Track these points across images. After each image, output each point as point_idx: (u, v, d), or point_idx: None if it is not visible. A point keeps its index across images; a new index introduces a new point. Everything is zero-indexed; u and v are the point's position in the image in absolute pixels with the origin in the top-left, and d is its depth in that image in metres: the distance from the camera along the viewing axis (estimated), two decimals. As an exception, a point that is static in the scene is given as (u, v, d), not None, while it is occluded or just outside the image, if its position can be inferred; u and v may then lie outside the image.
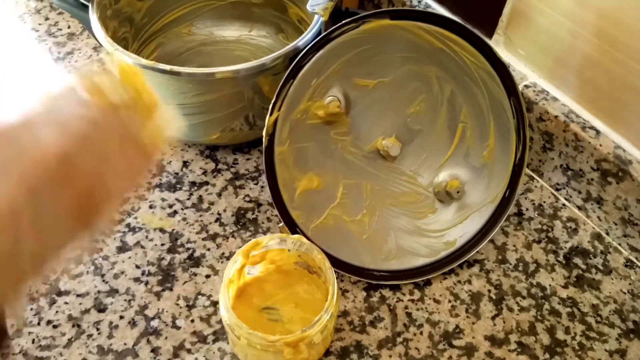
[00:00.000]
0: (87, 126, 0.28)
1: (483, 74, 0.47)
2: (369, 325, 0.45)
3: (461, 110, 0.49)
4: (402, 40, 0.47)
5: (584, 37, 0.47)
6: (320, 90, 0.47)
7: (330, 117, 0.48)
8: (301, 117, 0.47)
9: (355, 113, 0.49)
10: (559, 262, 0.50)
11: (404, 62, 0.48)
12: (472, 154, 0.50)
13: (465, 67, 0.47)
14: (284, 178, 0.47)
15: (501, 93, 0.47)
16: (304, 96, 0.47)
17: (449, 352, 0.44)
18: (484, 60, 0.47)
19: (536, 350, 0.44)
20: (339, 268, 0.47)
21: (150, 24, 0.62)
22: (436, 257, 0.48)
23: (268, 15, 0.65)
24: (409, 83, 0.49)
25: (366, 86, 0.49)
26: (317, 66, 0.46)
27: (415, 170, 0.51)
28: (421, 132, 0.50)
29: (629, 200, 0.48)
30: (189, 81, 0.48)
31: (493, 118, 0.48)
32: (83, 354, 0.43)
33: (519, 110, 0.47)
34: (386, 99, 0.49)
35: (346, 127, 0.49)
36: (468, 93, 0.49)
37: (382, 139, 0.50)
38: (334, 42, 0.46)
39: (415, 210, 0.51)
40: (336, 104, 0.47)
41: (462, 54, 0.47)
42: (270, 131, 0.46)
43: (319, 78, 0.47)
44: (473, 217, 0.49)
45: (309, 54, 0.46)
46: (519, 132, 0.48)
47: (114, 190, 0.30)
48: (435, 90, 0.49)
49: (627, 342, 0.45)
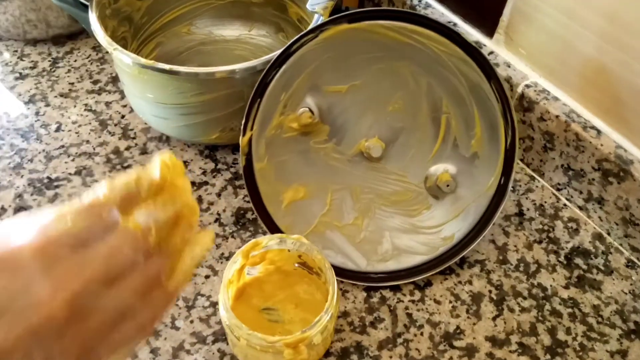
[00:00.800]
0: (106, 267, 0.24)
1: (457, 62, 0.46)
2: (369, 326, 0.45)
3: (442, 101, 0.48)
4: (365, 41, 0.46)
5: (585, 37, 0.47)
6: (291, 104, 0.47)
7: (305, 127, 0.48)
8: (276, 132, 0.48)
9: (333, 119, 0.49)
10: (560, 263, 0.50)
11: (372, 63, 0.48)
12: (460, 145, 0.49)
13: (437, 57, 0.46)
14: (267, 193, 0.48)
15: (480, 78, 0.46)
16: (275, 112, 0.47)
17: (450, 353, 0.44)
18: (454, 47, 0.45)
19: (537, 351, 0.44)
20: (335, 275, 0.46)
21: (150, 23, 0.62)
22: (435, 253, 0.48)
23: (268, 14, 0.64)
24: (382, 82, 0.48)
25: (339, 91, 0.48)
26: (283, 81, 0.46)
27: (404, 168, 0.51)
28: (404, 129, 0.50)
29: (630, 201, 0.48)
30: (188, 81, 0.48)
31: (476, 105, 0.47)
32: (82, 355, 0.43)
33: (501, 93, 0.45)
34: (362, 101, 0.49)
35: (325, 135, 0.49)
36: (445, 83, 0.47)
37: (365, 140, 0.50)
38: (296, 55, 0.46)
39: (408, 208, 0.50)
40: (308, 115, 0.47)
41: (430, 44, 0.46)
42: (246, 150, 0.47)
43: (287, 92, 0.47)
44: (469, 210, 0.48)
45: (272, 71, 0.46)
46: (506, 116, 0.46)
47: (122, 341, 0.26)
48: (411, 85, 0.48)
49: (629, 342, 0.45)
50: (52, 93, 0.62)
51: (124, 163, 0.56)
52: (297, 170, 0.49)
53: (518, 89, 0.53)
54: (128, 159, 0.56)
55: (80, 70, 0.65)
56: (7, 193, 0.53)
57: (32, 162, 0.56)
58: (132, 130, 0.59)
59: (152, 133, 0.59)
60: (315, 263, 0.43)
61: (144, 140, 0.58)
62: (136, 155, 0.57)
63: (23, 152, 0.56)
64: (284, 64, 0.46)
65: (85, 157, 0.56)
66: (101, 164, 0.56)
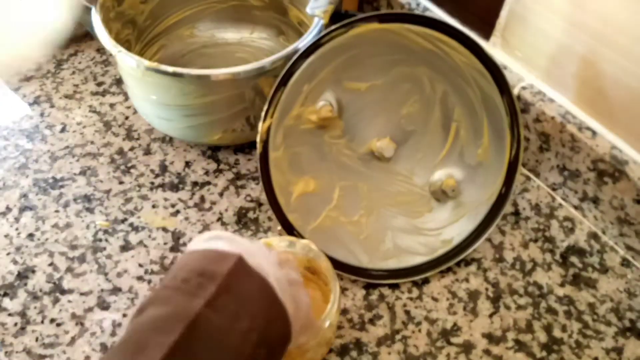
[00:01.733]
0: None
1: (475, 73, 0.47)
2: (368, 323, 0.46)
3: (454, 109, 0.50)
4: (391, 43, 0.47)
5: (580, 39, 0.48)
6: (312, 96, 0.48)
7: (323, 121, 0.49)
8: (294, 123, 0.48)
9: (349, 116, 0.50)
10: (555, 261, 0.51)
11: (394, 65, 0.49)
12: (466, 153, 0.50)
13: (456, 66, 0.48)
14: (279, 183, 0.48)
15: (494, 91, 0.47)
16: (296, 102, 0.48)
17: (447, 350, 0.45)
18: (475, 60, 0.47)
19: (533, 348, 0.45)
20: (337, 268, 0.47)
21: (153, 26, 0.62)
22: (433, 255, 0.49)
23: (269, 17, 0.65)
24: (400, 85, 0.49)
25: (358, 89, 0.49)
26: (308, 72, 0.47)
27: (411, 170, 0.52)
28: (415, 133, 0.51)
29: (625, 200, 0.49)
30: (191, 83, 0.48)
31: (486, 116, 0.49)
32: (86, 351, 0.44)
33: (512, 107, 0.47)
34: (379, 101, 0.50)
35: (340, 130, 0.50)
36: (460, 92, 0.49)
37: (377, 140, 0.51)
38: (324, 48, 0.46)
39: (411, 209, 0.51)
40: (328, 109, 0.48)
41: (452, 54, 0.47)
42: (264, 138, 0.47)
43: (311, 84, 0.47)
44: (469, 215, 0.50)
45: (299, 61, 0.46)
46: (513, 130, 0.47)
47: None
48: (427, 91, 0.49)
49: (624, 340, 0.46)
50: (56, 94, 0.63)
51: (127, 163, 0.57)
52: (310, 163, 0.50)
53: (514, 90, 0.54)
54: (132, 159, 0.57)
55: (85, 72, 0.66)
56: (13, 193, 0.54)
57: (37, 163, 0.57)
58: (136, 131, 0.60)
59: (155, 134, 0.60)
60: (322, 270, 0.43)
61: (147, 141, 0.59)
62: (140, 155, 0.58)
63: (28, 152, 0.57)
64: (311, 55, 0.46)
65: (89, 157, 0.57)
66: (105, 164, 0.57)
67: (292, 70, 0.46)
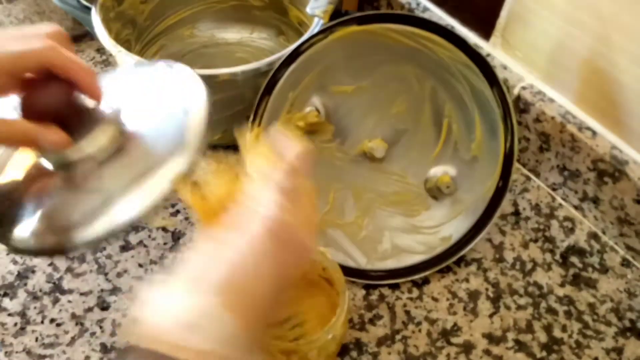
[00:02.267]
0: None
1: (462, 67, 0.47)
2: (368, 323, 0.46)
3: (444, 105, 0.49)
4: (373, 44, 0.47)
5: (580, 39, 0.48)
6: (298, 102, 0.48)
7: (311, 127, 0.49)
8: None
9: (338, 119, 0.50)
10: (555, 261, 0.51)
11: (378, 65, 0.48)
12: (460, 148, 0.50)
13: (442, 62, 0.47)
14: None
15: (482, 84, 0.47)
16: (283, 110, 0.48)
17: (447, 350, 0.45)
18: (460, 54, 0.46)
19: (533, 348, 0.45)
20: None
21: (153, 26, 0.62)
22: (432, 253, 0.49)
23: (269, 17, 0.65)
24: (387, 84, 0.49)
25: (345, 92, 0.49)
26: (291, 80, 0.47)
27: (405, 169, 0.52)
28: (407, 131, 0.51)
29: (625, 200, 0.49)
30: (191, 82, 0.48)
31: (477, 110, 0.48)
32: (86, 352, 0.44)
33: (502, 99, 0.46)
34: (367, 102, 0.50)
35: (330, 134, 0.50)
36: (449, 88, 0.48)
37: (368, 141, 0.51)
38: (305, 55, 0.46)
39: (408, 208, 0.51)
40: (314, 114, 0.48)
41: (436, 49, 0.46)
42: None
43: (295, 91, 0.48)
44: (467, 211, 0.49)
45: (282, 69, 0.46)
46: (506, 121, 0.47)
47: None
48: (415, 89, 0.49)
49: (624, 340, 0.46)
50: (56, 95, 0.63)
51: (127, 163, 0.57)
52: None
53: (514, 90, 0.54)
54: (131, 159, 0.57)
55: (84, 72, 0.66)
56: (13, 193, 0.54)
57: (37, 163, 0.56)
58: (136, 132, 0.60)
59: (155, 134, 0.59)
60: (334, 280, 0.42)
61: (147, 141, 0.59)
62: (139, 155, 0.57)
63: (28, 152, 0.57)
64: (293, 63, 0.46)
65: (89, 157, 0.57)
66: (105, 164, 0.57)
67: (275, 78, 0.46)
